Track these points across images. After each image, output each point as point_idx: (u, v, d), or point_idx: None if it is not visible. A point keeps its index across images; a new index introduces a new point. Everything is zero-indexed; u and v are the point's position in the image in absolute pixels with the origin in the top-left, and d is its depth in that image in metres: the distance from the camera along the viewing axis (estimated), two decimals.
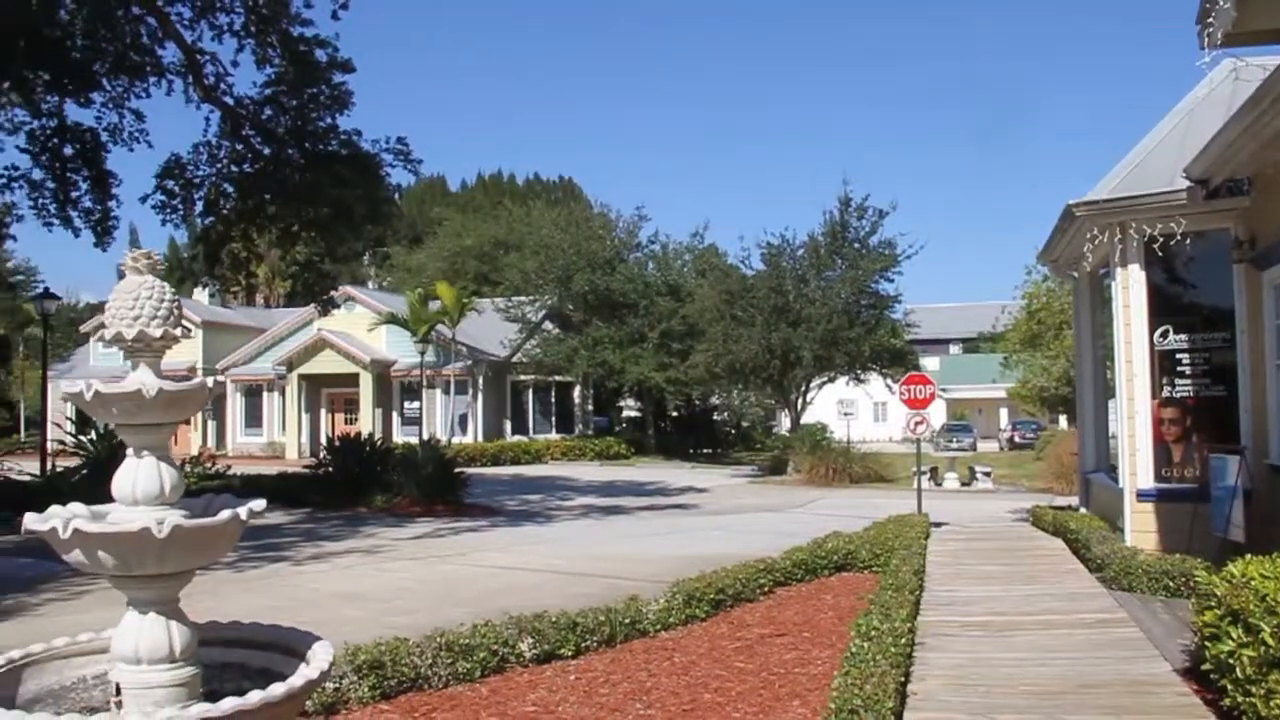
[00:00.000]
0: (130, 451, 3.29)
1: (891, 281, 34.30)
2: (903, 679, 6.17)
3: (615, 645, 7.88)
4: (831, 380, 35.89)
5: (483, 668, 7.01)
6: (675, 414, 46.36)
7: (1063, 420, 45.10)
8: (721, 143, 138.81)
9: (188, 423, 39.65)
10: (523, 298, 44.36)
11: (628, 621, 8.15)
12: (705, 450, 44.04)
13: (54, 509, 3.16)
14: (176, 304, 3.38)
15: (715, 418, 47.30)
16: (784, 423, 41.49)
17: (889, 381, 33.17)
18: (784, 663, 7.34)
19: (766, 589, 10.05)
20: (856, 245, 33.75)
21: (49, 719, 2.81)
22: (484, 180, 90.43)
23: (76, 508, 3.19)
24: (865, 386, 37.43)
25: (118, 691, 3.19)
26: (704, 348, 34.53)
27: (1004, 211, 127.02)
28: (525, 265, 44.13)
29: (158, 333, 3.31)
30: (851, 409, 30.98)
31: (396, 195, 25.67)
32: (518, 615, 7.81)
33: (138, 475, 3.25)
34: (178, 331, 3.35)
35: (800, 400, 35.29)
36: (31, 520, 3.10)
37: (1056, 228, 13.27)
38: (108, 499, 3.42)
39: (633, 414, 48.87)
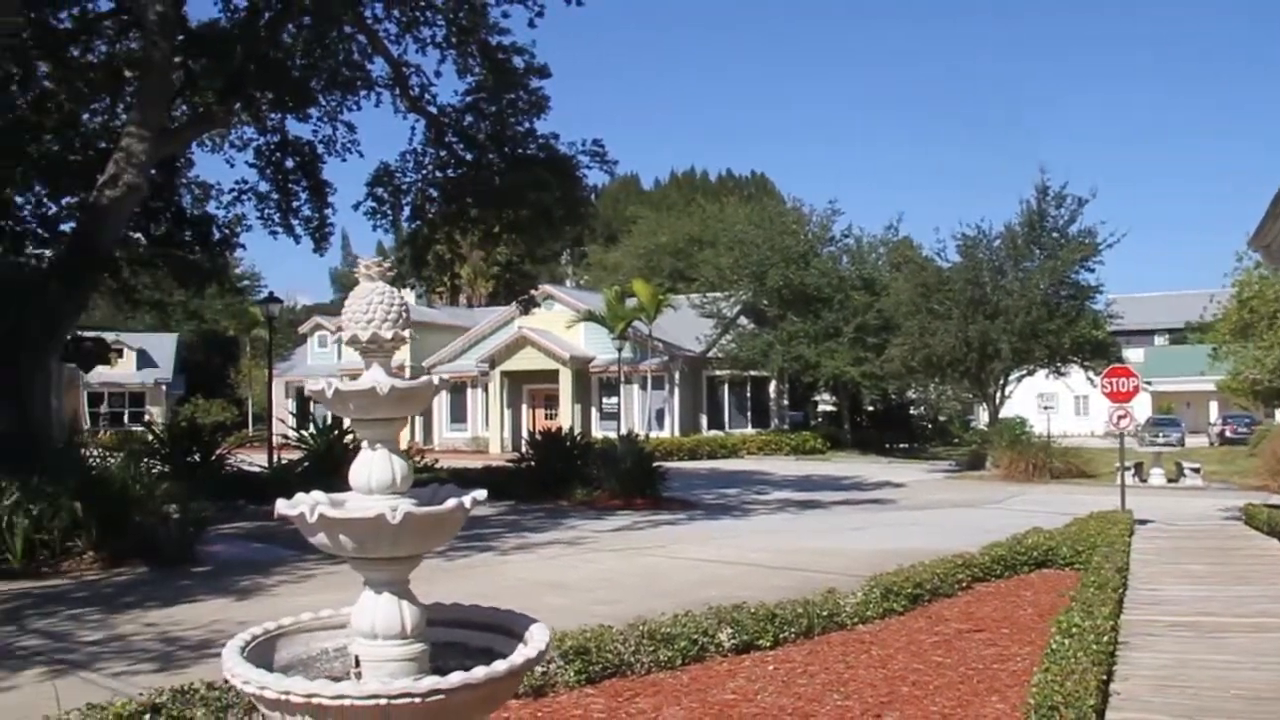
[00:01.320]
0: (365, 444, 3.57)
1: (1092, 271, 32.93)
2: (1105, 677, 6.06)
3: (813, 637, 7.96)
4: (1030, 374, 34.78)
5: (683, 656, 7.19)
6: (871, 408, 45.77)
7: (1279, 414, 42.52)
8: (916, 136, 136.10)
9: None
10: (718, 293, 44.49)
11: (825, 614, 8.22)
12: (901, 445, 43.35)
13: (300, 496, 3.47)
14: (405, 307, 3.64)
15: (912, 412, 46.50)
16: (982, 417, 40.40)
17: (1090, 374, 31.92)
18: (982, 658, 7.29)
19: (964, 584, 9.96)
20: (1055, 235, 32.61)
21: (303, 682, 3.10)
22: (677, 177, 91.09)
23: (319, 495, 3.49)
24: (1066, 380, 36.13)
25: (356, 663, 3.47)
26: (899, 341, 33.99)
27: (1212, 197, 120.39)
28: (720, 261, 44.23)
29: (389, 334, 3.57)
30: (1051, 403, 30.00)
31: (593, 195, 26.21)
32: (717, 606, 7.98)
33: (372, 466, 3.52)
34: (406, 333, 3.60)
35: (998, 394, 34.35)
36: (283, 505, 3.41)
37: (1270, 212, 12.61)
38: (327, 488, 3.70)
39: (828, 409, 48.45)
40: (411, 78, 20.69)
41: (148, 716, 5.45)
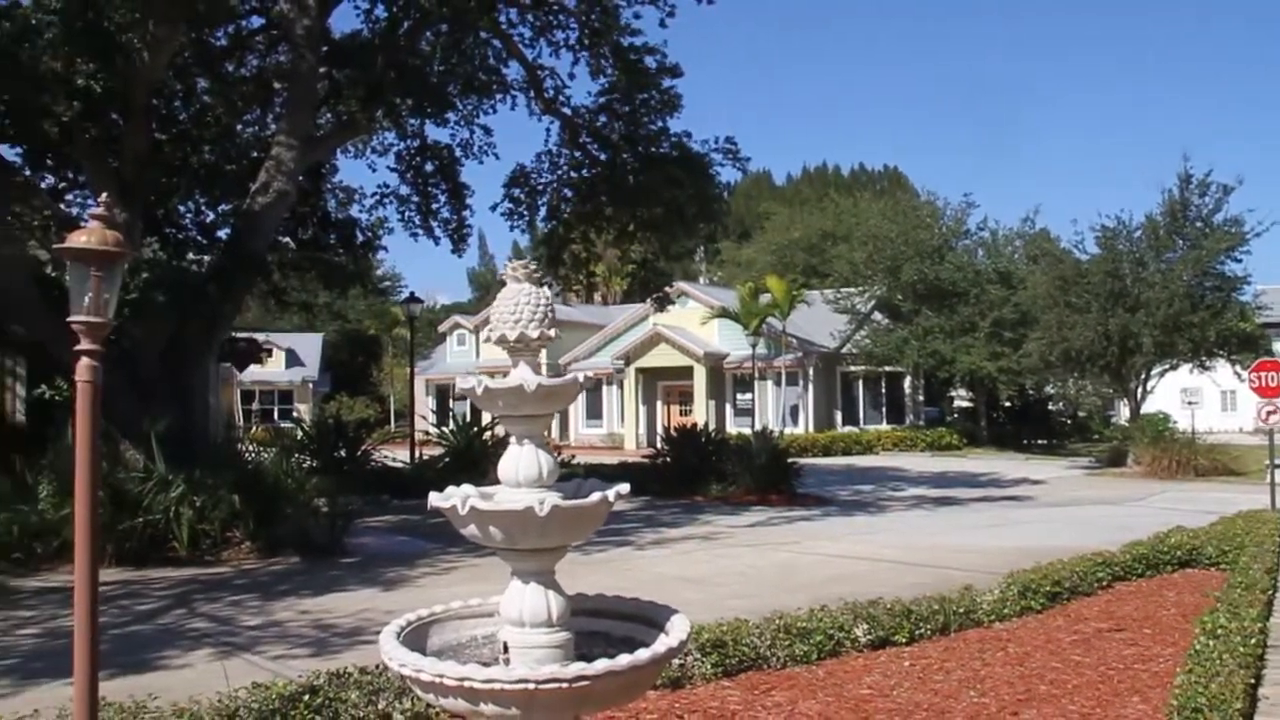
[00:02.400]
0: (512, 440, 3.73)
1: (1239, 261, 31.46)
2: (1252, 681, 5.93)
3: (949, 634, 7.94)
4: (1174, 368, 33.54)
5: (819, 651, 7.26)
6: (1008, 404, 44.72)
7: None
8: (1050, 128, 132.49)
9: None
10: (851, 289, 44.06)
11: (962, 611, 8.19)
12: (1039, 441, 42.26)
13: (451, 489, 3.64)
14: (550, 308, 3.77)
15: (1050, 408, 45.27)
16: (1122, 413, 39.19)
17: (1237, 368, 30.66)
18: (1123, 658, 7.19)
19: (1104, 583, 9.79)
20: (1199, 224, 31.38)
21: (455, 666, 3.27)
22: (809, 172, 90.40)
23: (469, 489, 3.64)
24: (1211, 374, 34.70)
25: (505, 649, 3.62)
26: (1037, 336, 33.16)
27: None
28: (853, 256, 43.75)
29: (535, 334, 3.72)
30: (1196, 398, 28.89)
31: (726, 192, 26.23)
32: (852, 602, 8.03)
33: (520, 460, 3.67)
34: (552, 333, 3.74)
35: (1140, 389, 33.24)
36: (435, 498, 3.58)
37: None
38: (466, 483, 3.84)
39: (964, 404, 47.54)
40: (546, 80, 21.06)
41: (306, 697, 5.78)
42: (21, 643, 8.61)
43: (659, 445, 23.86)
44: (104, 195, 5.71)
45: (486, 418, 25.26)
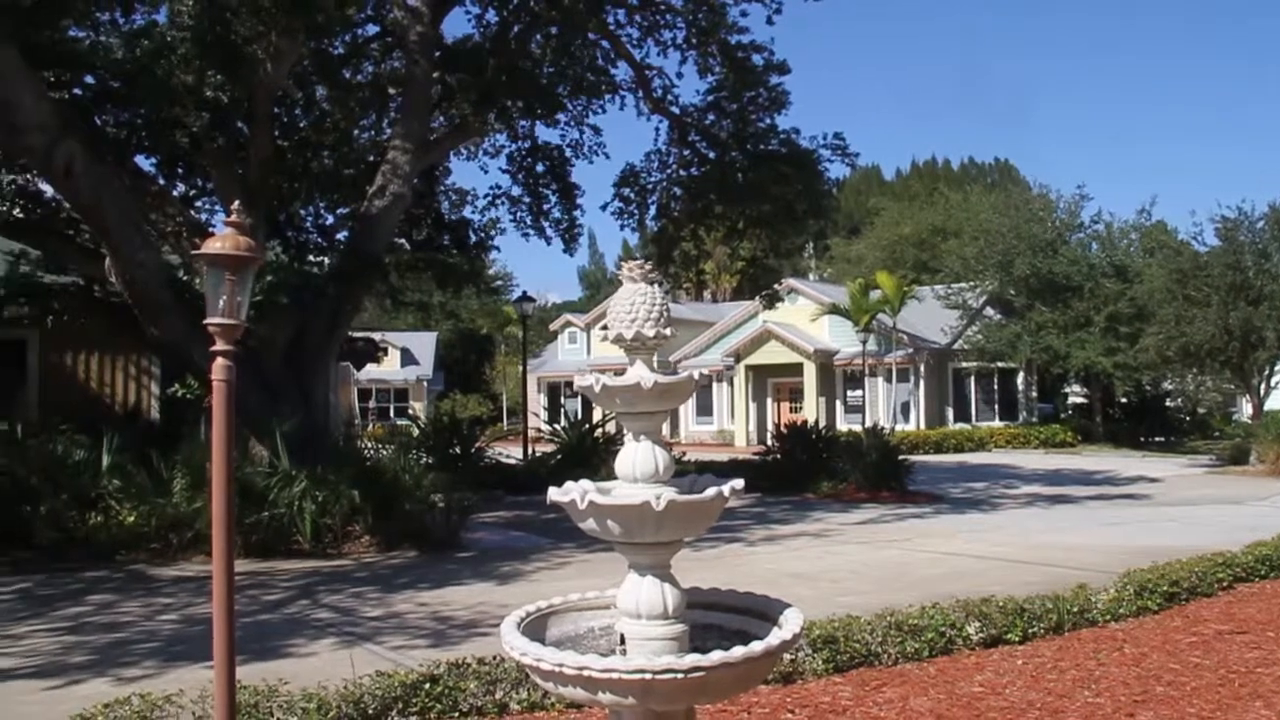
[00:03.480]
0: (629, 436, 3.82)
1: None
2: None
3: (1063, 633, 7.86)
4: None
5: (930, 648, 7.25)
6: (1124, 400, 43.58)
7: None
8: (1162, 117, 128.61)
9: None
10: (962, 284, 43.42)
11: (1076, 610, 8.10)
12: (1157, 439, 41.10)
13: (569, 484, 3.72)
14: (666, 307, 3.85)
15: (1168, 404, 44.00)
16: (1245, 409, 37.85)
17: None
18: (1245, 661, 7.04)
19: (1225, 584, 9.55)
20: None
21: (575, 656, 3.37)
22: (918, 167, 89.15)
23: (587, 484, 3.71)
24: None
25: (622, 640, 3.70)
26: (1154, 330, 32.24)
27: None
28: (964, 251, 43.15)
29: (651, 333, 3.80)
30: None
31: (834, 188, 26.10)
32: (964, 599, 7.99)
33: (636, 456, 3.76)
34: (667, 331, 3.81)
35: (1263, 385, 32.11)
36: (554, 493, 3.68)
37: None
38: (577, 479, 3.95)
39: (1079, 400, 46.49)
40: (654, 80, 21.21)
41: (427, 685, 5.99)
42: (163, 628, 9.03)
43: (769, 442, 23.85)
44: (235, 203, 5.99)
45: (597, 415, 25.57)
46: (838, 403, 44.38)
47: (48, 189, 16.10)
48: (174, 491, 13.00)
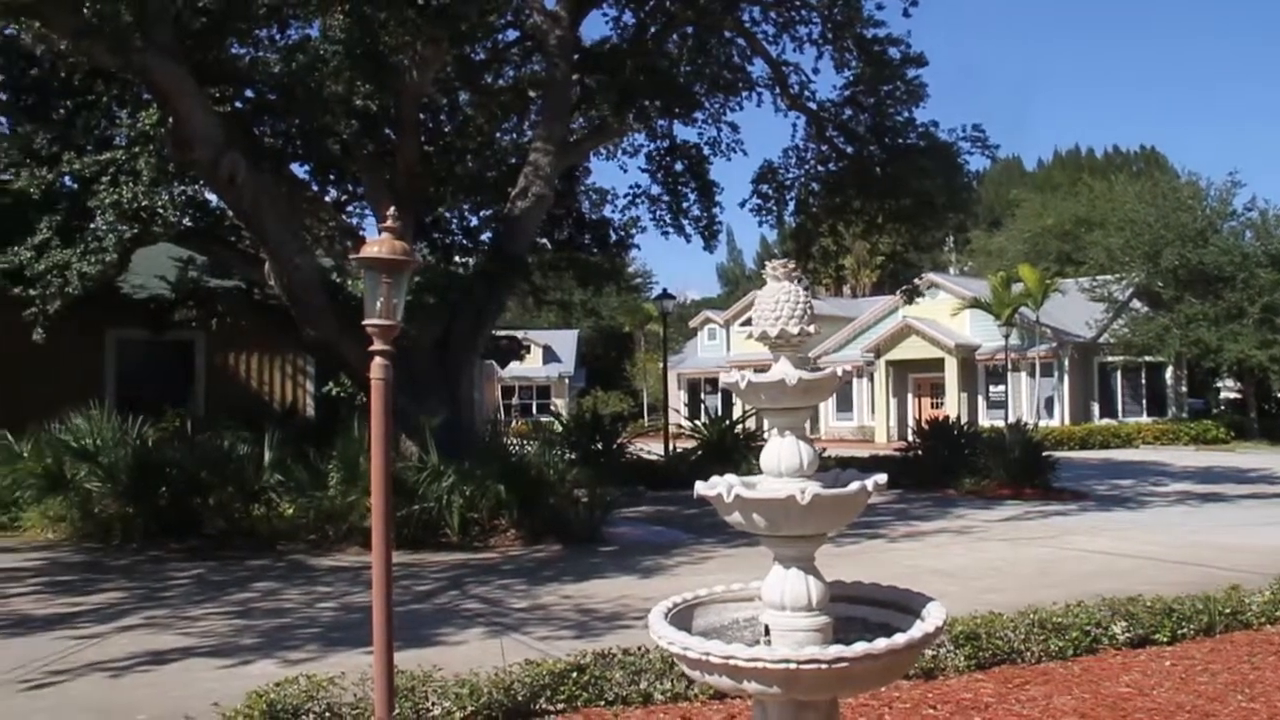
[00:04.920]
0: (773, 431, 3.90)
1: None
2: None
3: (1214, 635, 7.68)
4: None
5: (1075, 647, 7.17)
6: None
7: None
8: None
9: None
10: (1108, 276, 42.21)
11: (1228, 611, 7.90)
12: None
13: (716, 479, 3.84)
14: (809, 305, 3.93)
15: None
16: None
17: None
18: None
19: None
20: None
21: (721, 645, 3.47)
22: (1060, 157, 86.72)
23: (733, 479, 3.84)
24: None
25: (766, 631, 3.79)
26: None
27: None
28: (1109, 242, 41.95)
29: (795, 330, 3.89)
30: None
31: (974, 181, 25.66)
32: (1110, 598, 7.88)
33: (781, 451, 3.83)
34: (811, 329, 3.90)
35: None
36: (701, 487, 3.80)
37: None
38: (718, 474, 4.04)
39: (1232, 395, 44.76)
40: (790, 76, 21.17)
41: (574, 674, 6.19)
42: (322, 615, 9.48)
43: (910, 438, 23.64)
44: (390, 209, 6.30)
45: (738, 411, 25.65)
46: (980, 398, 43.65)
47: (213, 198, 16.93)
48: (330, 486, 13.58)
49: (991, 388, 43.53)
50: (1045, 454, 21.10)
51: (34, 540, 14.36)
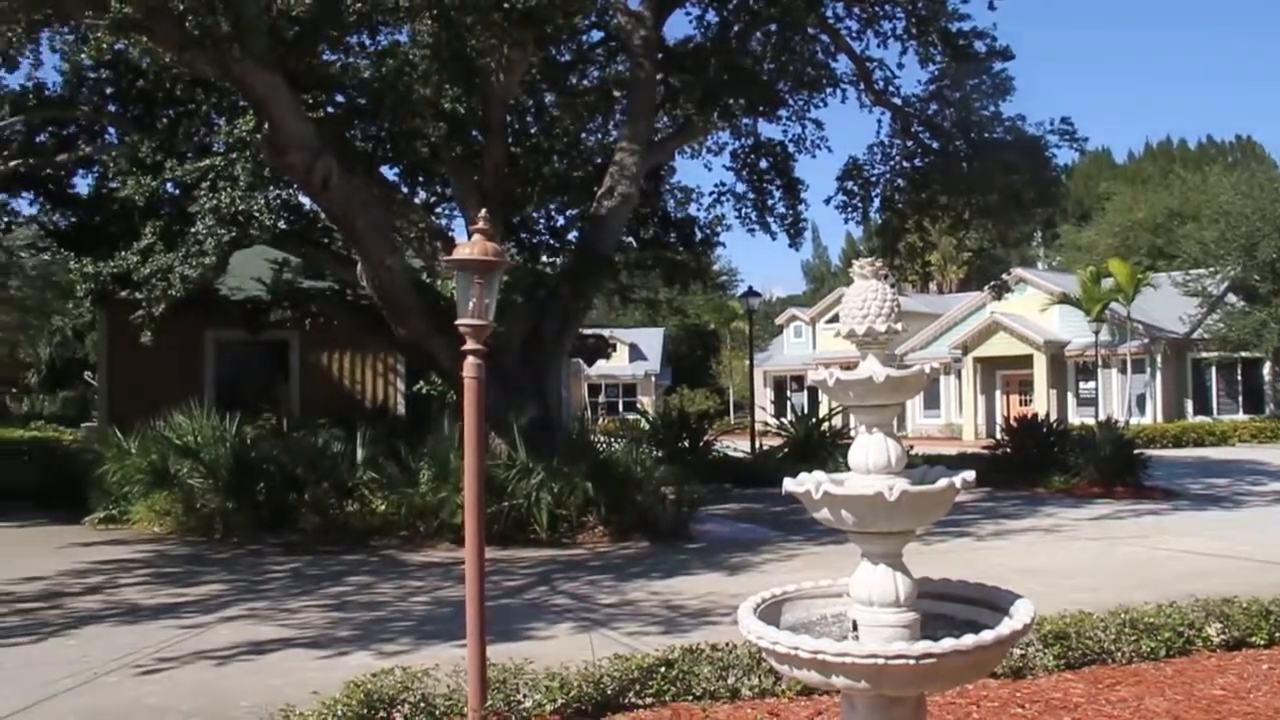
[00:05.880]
0: (862, 429, 3.96)
1: None
2: None
3: None
4: None
5: (1167, 648, 7.06)
6: None
7: None
8: None
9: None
10: (1202, 270, 41.27)
11: None
12: None
13: (804, 475, 3.91)
14: (896, 303, 3.98)
15: None
16: None
17: None
18: None
19: None
20: None
21: (810, 640, 3.54)
22: (1152, 149, 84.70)
23: (821, 475, 3.89)
24: None
25: (854, 627, 3.84)
26: None
27: None
28: (1203, 235, 41.07)
29: (882, 328, 3.94)
30: None
31: (1063, 175, 25.26)
32: (1204, 599, 7.75)
33: (869, 448, 3.88)
34: (898, 326, 3.94)
35: None
36: (789, 483, 3.86)
37: None
38: (805, 472, 4.07)
39: None
40: (875, 71, 21.03)
41: (663, 669, 6.28)
42: (415, 608, 9.71)
43: (998, 436, 23.38)
44: (482, 211, 6.45)
45: (824, 409, 25.58)
46: (1069, 395, 42.95)
47: (306, 201, 17.38)
48: (421, 483, 13.88)
49: (1081, 384, 42.82)
50: (1137, 452, 20.71)
51: (142, 533, 14.98)
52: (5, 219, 20.82)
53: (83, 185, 20.60)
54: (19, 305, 36.57)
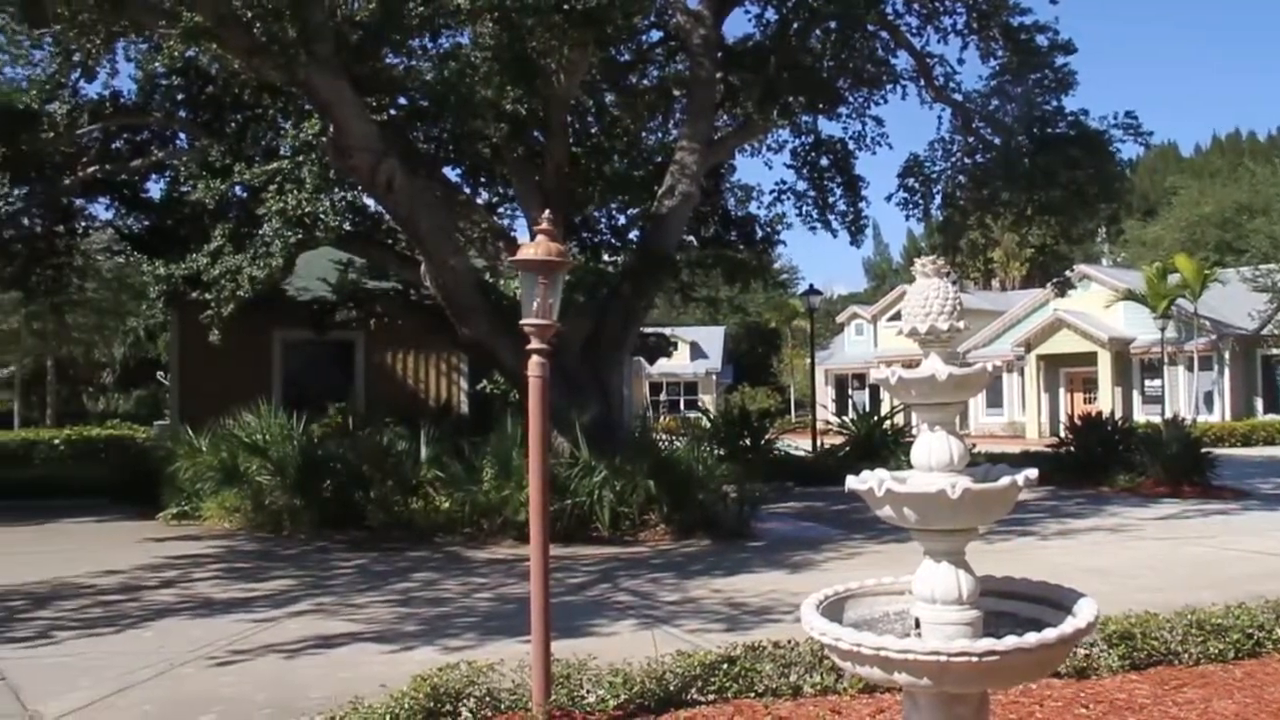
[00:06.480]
0: (924, 427, 3.98)
1: None
2: None
3: None
4: None
5: (1236, 650, 6.97)
6: None
7: None
8: None
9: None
10: (1272, 265, 40.49)
11: None
12: None
13: (866, 473, 3.92)
14: (958, 301, 3.99)
15: None
16: None
17: None
18: None
19: None
20: None
21: (873, 637, 3.59)
22: (1220, 141, 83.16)
23: (883, 473, 3.89)
24: None
25: (917, 625, 3.87)
26: None
27: None
28: (1273, 229, 40.33)
29: (944, 326, 3.96)
30: None
31: (1127, 169, 24.90)
32: (1275, 600, 7.67)
33: (932, 446, 3.91)
34: (960, 324, 3.96)
35: None
36: (853, 481, 3.90)
37: None
38: (866, 470, 4.07)
39: None
40: (935, 68, 20.86)
41: (725, 666, 6.33)
42: (479, 604, 9.85)
43: (1062, 434, 23.12)
44: (546, 212, 6.54)
45: (886, 407, 25.46)
46: (1134, 393, 42.38)
47: (370, 203, 17.65)
48: (484, 480, 14.04)
49: (1147, 382, 42.22)
50: (1204, 450, 20.40)
51: (213, 529, 15.36)
52: (83, 223, 21.38)
53: (155, 190, 21.24)
54: (95, 307, 37.65)
